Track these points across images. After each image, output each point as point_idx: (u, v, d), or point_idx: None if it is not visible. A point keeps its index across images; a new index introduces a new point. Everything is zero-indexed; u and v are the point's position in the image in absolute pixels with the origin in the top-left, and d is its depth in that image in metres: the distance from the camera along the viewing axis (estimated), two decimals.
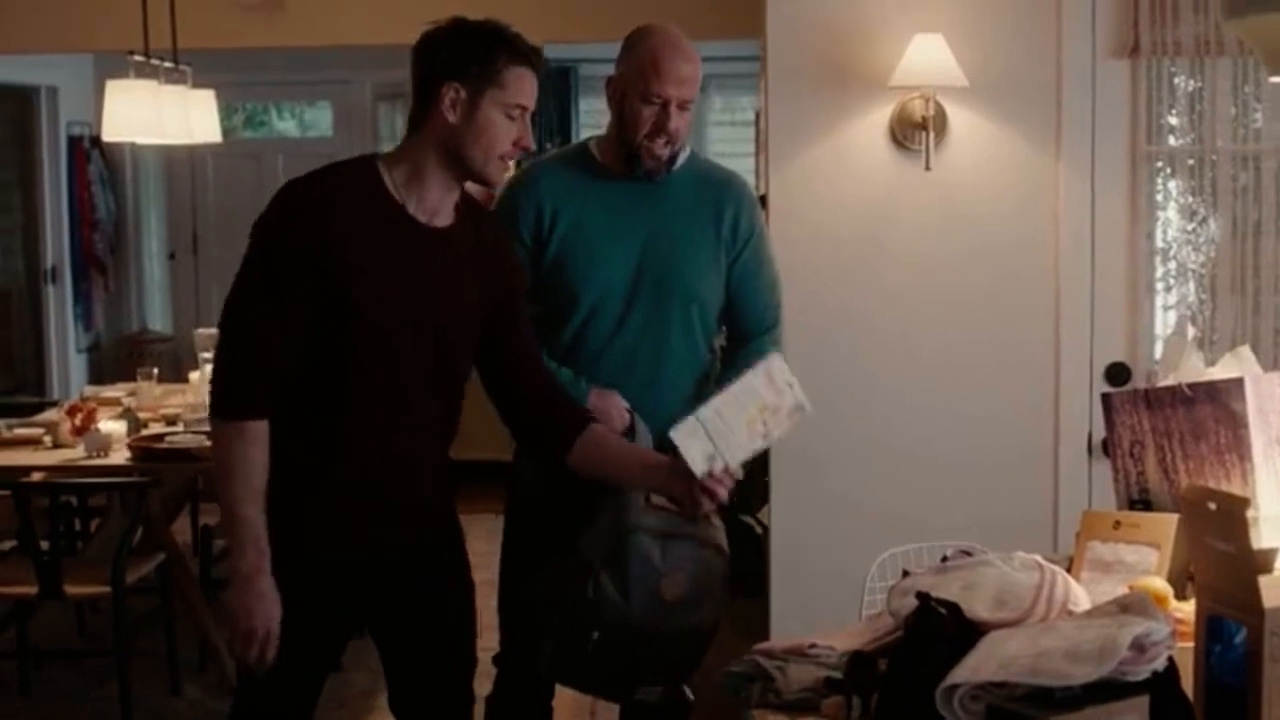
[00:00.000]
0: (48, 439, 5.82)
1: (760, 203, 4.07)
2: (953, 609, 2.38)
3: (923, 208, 4.71)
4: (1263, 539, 2.76)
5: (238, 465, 2.94)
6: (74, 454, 5.66)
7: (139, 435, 5.85)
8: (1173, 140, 4.72)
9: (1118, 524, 2.93)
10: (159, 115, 6.12)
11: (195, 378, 6.57)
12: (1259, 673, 2.17)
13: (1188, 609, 2.51)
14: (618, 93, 3.66)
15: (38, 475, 5.62)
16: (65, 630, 6.27)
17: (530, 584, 3.44)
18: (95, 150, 10.59)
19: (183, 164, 10.97)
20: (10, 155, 10.42)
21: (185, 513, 6.97)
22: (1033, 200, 4.69)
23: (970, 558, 2.76)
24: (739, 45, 7.23)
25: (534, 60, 3.04)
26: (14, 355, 10.40)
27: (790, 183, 4.72)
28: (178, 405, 6.41)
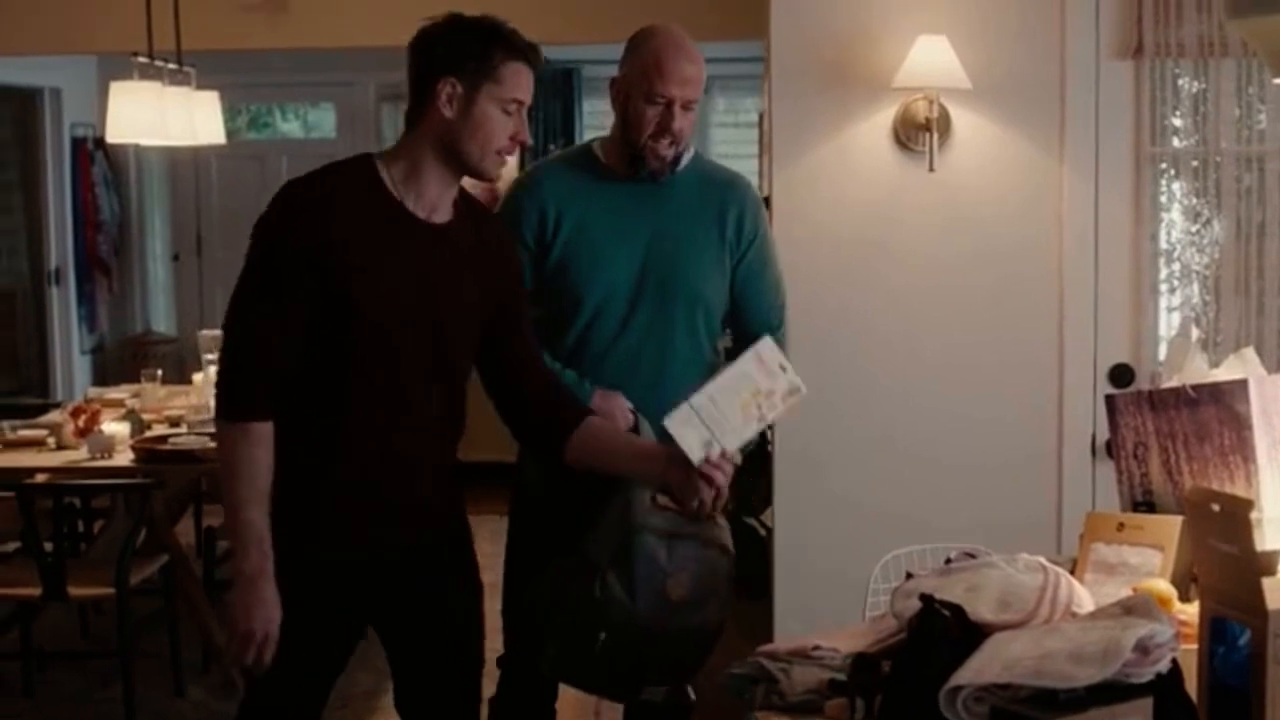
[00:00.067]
0: (51, 440, 5.83)
1: (764, 204, 4.07)
2: (956, 611, 2.38)
3: (926, 209, 4.71)
4: (1266, 541, 2.76)
5: (242, 467, 2.94)
6: (78, 455, 5.66)
7: (143, 437, 5.85)
8: (1176, 141, 4.72)
9: (1121, 526, 2.93)
10: (163, 117, 6.12)
11: (199, 379, 6.58)
12: (1262, 675, 2.17)
13: (1191, 611, 2.51)
14: (621, 94, 3.66)
15: (41, 477, 5.63)
16: (69, 632, 6.27)
17: (534, 585, 3.43)
18: (99, 152, 10.59)
19: (187, 165, 10.97)
20: (14, 157, 10.42)
21: (189, 514, 6.97)
22: (1036, 201, 4.69)
23: (974, 560, 2.76)
24: (742, 47, 7.22)
25: (530, 55, 3.04)
26: (18, 357, 10.40)
27: (794, 184, 4.73)
28: (181, 407, 6.42)
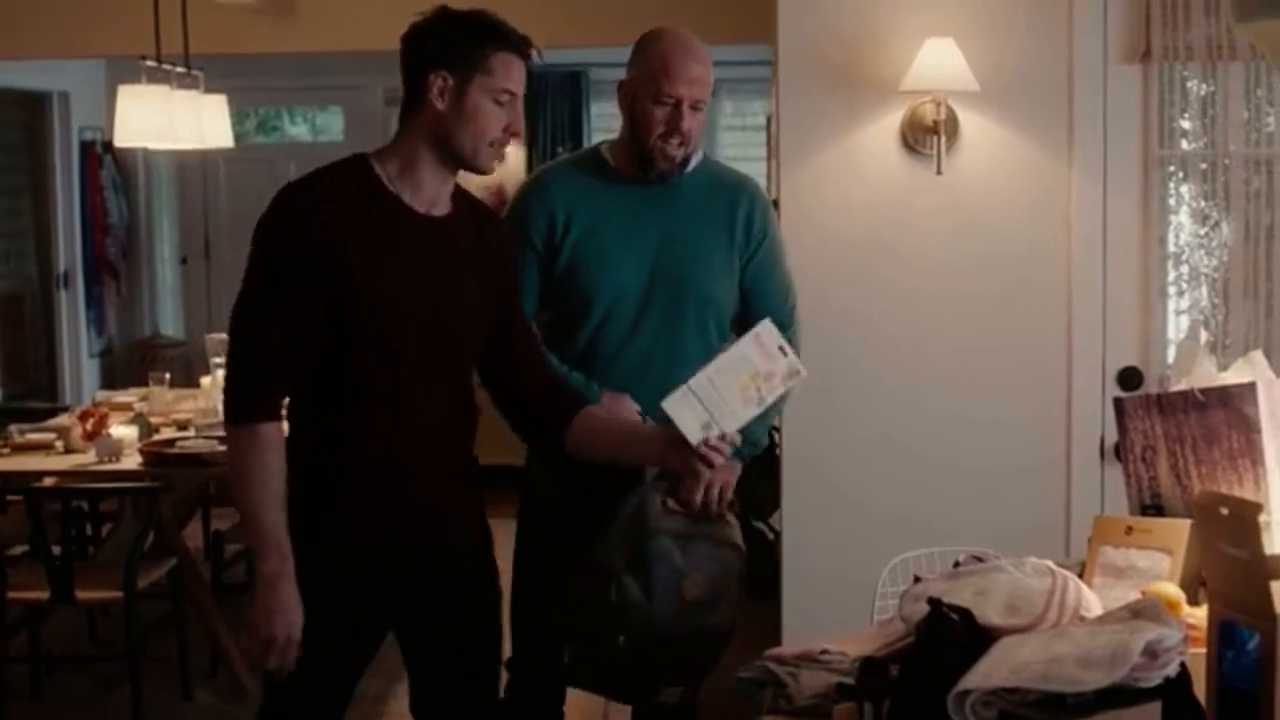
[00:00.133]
0: (59, 444, 5.83)
1: (772, 206, 4.07)
2: (965, 615, 2.38)
3: (934, 212, 4.71)
4: (1275, 544, 2.75)
5: (254, 469, 2.94)
6: (86, 459, 5.67)
7: (150, 440, 5.86)
8: (1185, 144, 4.71)
9: (1130, 529, 2.92)
10: (171, 120, 6.12)
11: (207, 383, 6.58)
12: (1271, 678, 2.16)
13: (1200, 615, 2.51)
14: (629, 95, 3.66)
15: (49, 480, 5.64)
16: (77, 635, 6.27)
17: (548, 592, 3.43)
18: (107, 155, 10.60)
19: (195, 169, 10.98)
20: (22, 160, 10.43)
21: (197, 518, 6.99)
22: (1044, 205, 4.68)
23: (982, 563, 2.75)
24: (750, 50, 7.21)
25: (521, 47, 3.04)
26: (26, 360, 10.41)
27: (801, 187, 4.72)
28: (189, 410, 6.43)
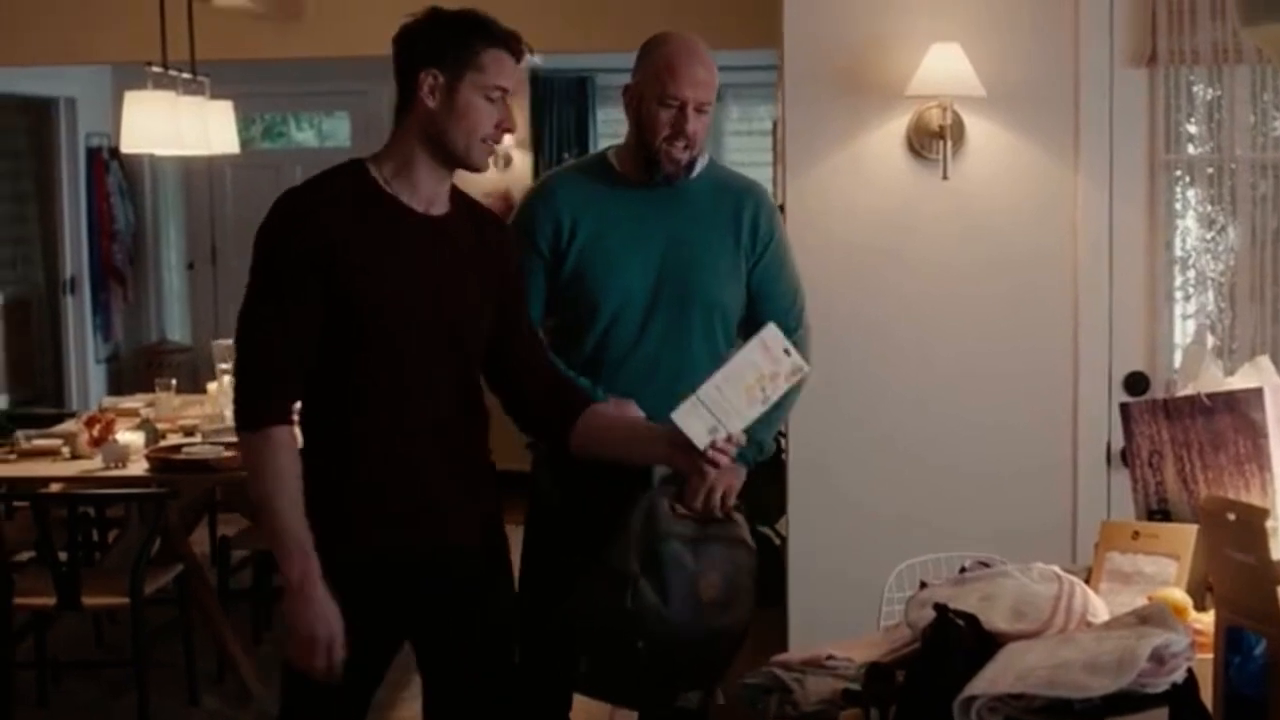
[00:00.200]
0: (66, 450, 5.83)
1: (778, 210, 4.07)
2: (971, 620, 2.37)
3: (940, 217, 4.70)
4: None
5: (268, 474, 2.93)
6: (92, 465, 5.67)
7: (157, 446, 5.86)
8: (1191, 148, 4.70)
9: (1136, 535, 2.92)
10: (177, 126, 6.13)
11: (213, 388, 6.59)
12: (1278, 684, 2.15)
13: (1207, 620, 2.50)
14: (635, 99, 3.66)
15: (56, 486, 5.64)
16: (83, 641, 6.28)
17: (561, 602, 3.43)
18: (114, 161, 10.62)
19: (201, 175, 11.00)
20: (29, 166, 10.45)
21: (203, 523, 6.98)
22: (1051, 209, 4.68)
23: (988, 569, 2.75)
24: (756, 55, 7.23)
25: (511, 43, 3.04)
26: (33, 366, 10.42)
27: (807, 192, 4.72)
28: (196, 416, 6.43)
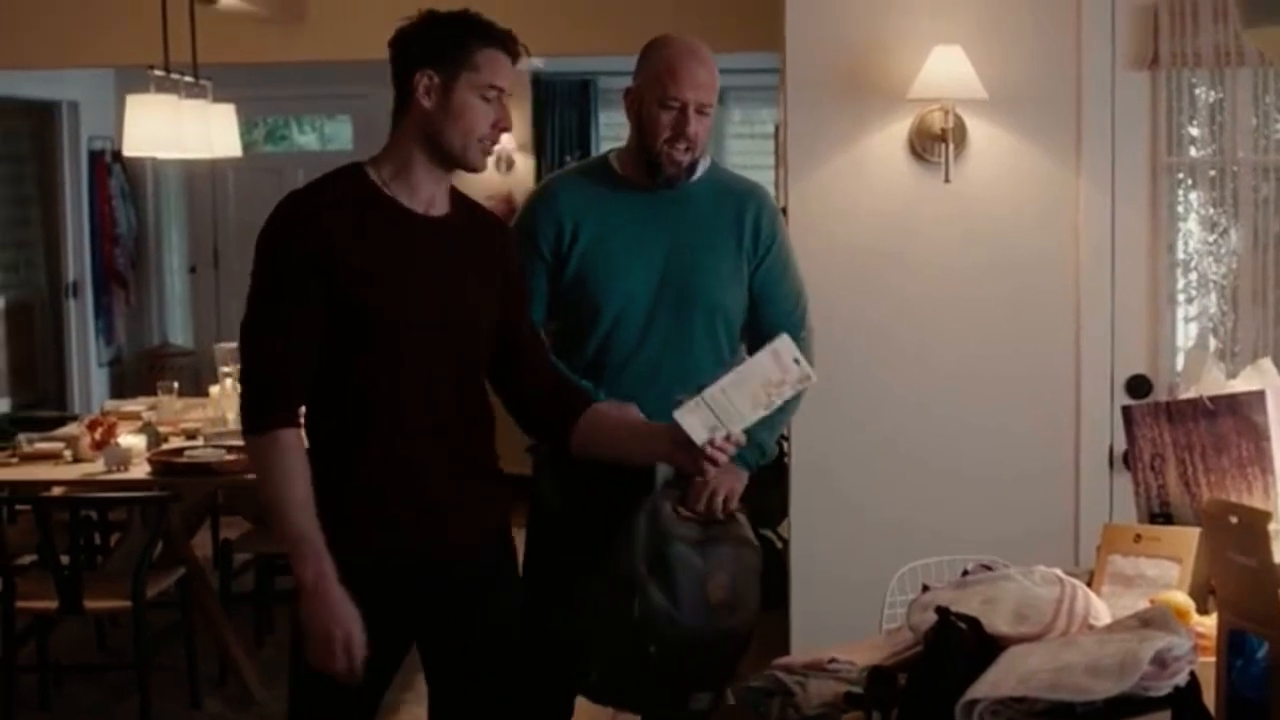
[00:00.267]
0: (68, 453, 5.84)
1: (781, 212, 4.06)
2: (973, 623, 2.37)
3: (942, 220, 4.70)
4: None
5: (276, 476, 2.93)
6: (94, 468, 5.67)
7: (159, 450, 5.86)
8: (1193, 151, 4.70)
9: (1139, 538, 2.92)
10: (179, 130, 6.13)
11: (215, 392, 6.58)
12: None
13: (1209, 623, 2.50)
14: (635, 102, 3.66)
15: (58, 490, 5.64)
16: (85, 645, 6.28)
17: (569, 612, 3.43)
18: (116, 164, 10.64)
19: (203, 178, 11.01)
20: (32, 170, 10.46)
21: (205, 527, 6.99)
22: (1053, 212, 4.68)
23: (990, 572, 2.75)
24: (758, 58, 7.22)
25: (506, 43, 3.04)
26: (35, 369, 10.43)
27: (809, 195, 4.72)
28: (198, 419, 6.43)
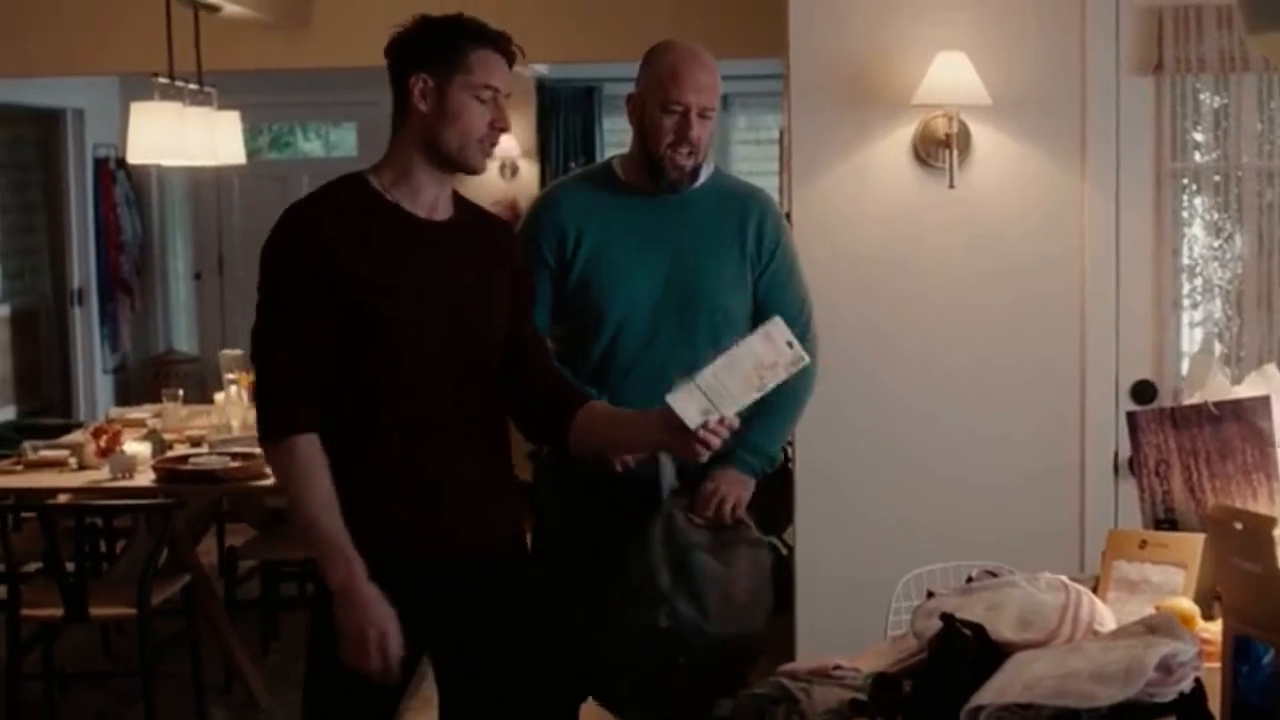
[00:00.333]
0: (73, 461, 5.83)
1: (785, 218, 4.06)
2: (977, 630, 2.37)
3: (946, 226, 4.69)
4: None
5: (299, 482, 2.93)
6: (99, 476, 5.67)
7: (164, 457, 5.86)
8: (1198, 157, 4.70)
9: (1144, 544, 2.92)
10: (184, 137, 6.13)
11: (220, 399, 6.59)
12: None
13: (1214, 629, 2.50)
14: (638, 107, 3.67)
15: (63, 497, 5.65)
16: (91, 652, 6.27)
17: (594, 633, 3.43)
18: (121, 172, 10.65)
19: (208, 185, 11.02)
20: (37, 177, 10.48)
21: (210, 534, 6.99)
22: (1057, 218, 4.67)
23: (995, 578, 2.75)
24: (763, 64, 7.22)
25: (500, 43, 3.03)
26: (40, 376, 10.45)
27: (813, 201, 4.72)
28: (203, 427, 6.43)
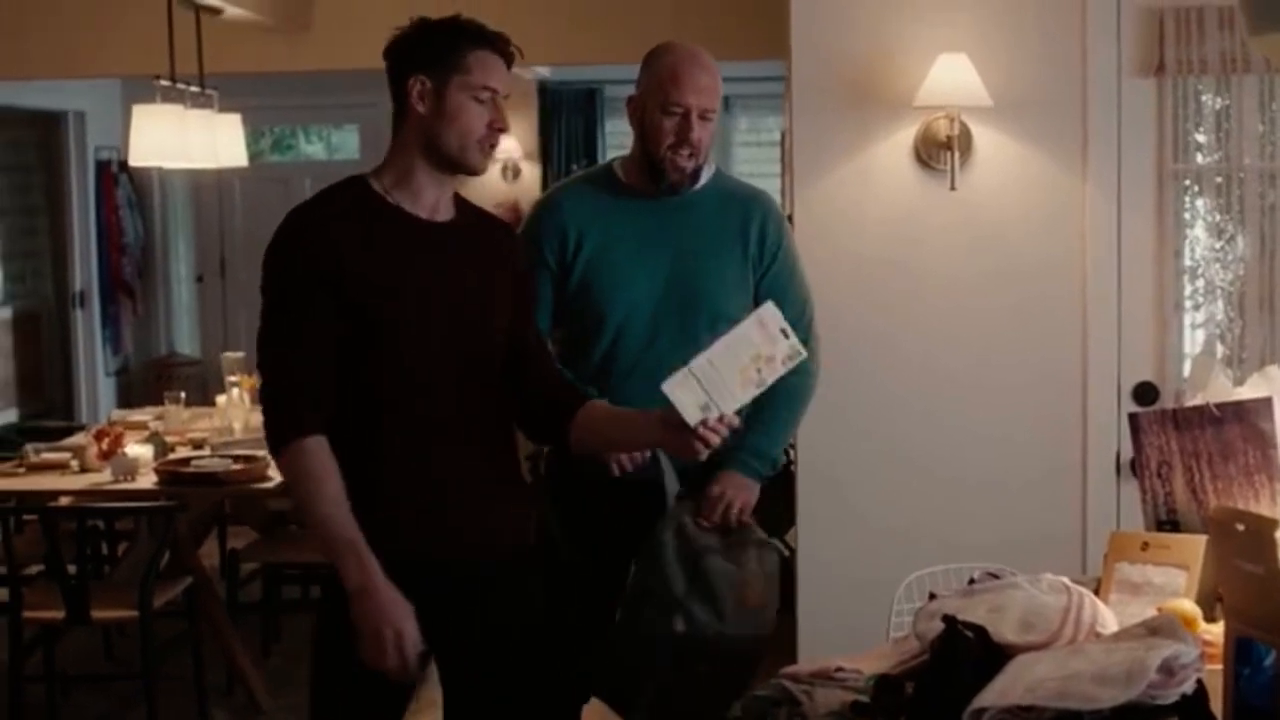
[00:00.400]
0: (75, 463, 5.83)
1: (786, 219, 4.06)
2: (979, 632, 2.37)
3: (948, 228, 4.69)
4: None
5: (305, 483, 2.92)
6: (101, 478, 5.67)
7: (166, 459, 5.86)
8: (1200, 158, 4.69)
9: (1146, 545, 2.91)
10: (185, 139, 6.13)
11: (222, 401, 6.59)
12: None
13: (1216, 631, 2.50)
14: (639, 109, 3.67)
15: (65, 500, 5.64)
16: (93, 654, 6.27)
17: (610, 645, 3.43)
18: (123, 174, 10.66)
19: (210, 188, 11.03)
20: (38, 180, 10.49)
21: (212, 536, 6.99)
22: (1059, 219, 4.67)
23: (997, 580, 2.75)
24: (764, 66, 7.22)
25: (498, 44, 3.04)
26: (42, 379, 10.46)
27: (815, 203, 4.72)
28: (205, 429, 6.43)
